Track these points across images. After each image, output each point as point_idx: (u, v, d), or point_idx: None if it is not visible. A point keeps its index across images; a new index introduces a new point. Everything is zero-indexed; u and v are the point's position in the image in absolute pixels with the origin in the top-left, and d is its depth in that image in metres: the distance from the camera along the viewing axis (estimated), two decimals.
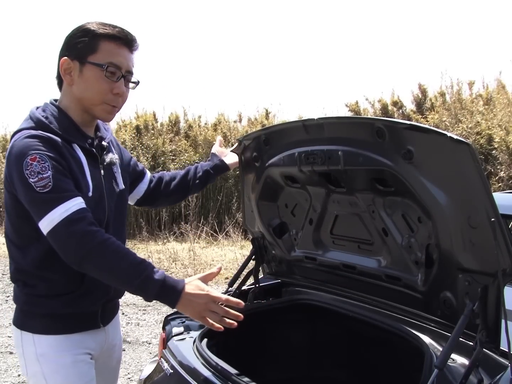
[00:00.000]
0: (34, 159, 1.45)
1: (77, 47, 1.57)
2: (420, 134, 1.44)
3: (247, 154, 2.10)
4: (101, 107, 1.60)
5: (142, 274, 1.43)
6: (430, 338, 1.61)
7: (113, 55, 1.57)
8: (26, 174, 1.44)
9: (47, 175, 1.45)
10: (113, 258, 1.44)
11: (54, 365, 1.60)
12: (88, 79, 1.57)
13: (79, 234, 1.43)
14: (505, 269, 1.33)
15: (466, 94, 9.44)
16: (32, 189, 1.44)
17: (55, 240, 1.46)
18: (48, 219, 1.44)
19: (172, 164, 10.30)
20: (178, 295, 1.46)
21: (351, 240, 1.93)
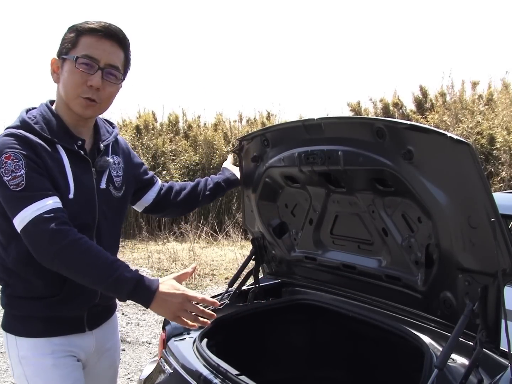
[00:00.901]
0: (8, 158, 1.46)
1: (62, 45, 1.59)
2: (420, 134, 1.44)
3: (247, 154, 2.10)
4: (76, 101, 1.58)
5: (115, 273, 1.42)
6: (430, 338, 1.61)
7: (90, 47, 1.55)
8: (0, 172, 1.45)
9: (20, 173, 1.45)
10: (85, 257, 1.43)
11: (35, 368, 1.60)
12: (64, 73, 1.57)
13: (50, 233, 1.42)
14: (505, 269, 1.33)
15: (469, 94, 9.44)
16: (6, 187, 1.45)
17: (26, 238, 1.46)
18: (20, 217, 1.44)
19: (172, 164, 10.30)
20: (152, 295, 1.44)
21: (351, 240, 1.93)
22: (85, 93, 1.56)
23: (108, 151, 1.72)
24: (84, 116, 1.63)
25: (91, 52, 1.55)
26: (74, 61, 1.54)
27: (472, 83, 9.46)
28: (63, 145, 1.58)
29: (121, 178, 1.74)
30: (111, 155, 1.73)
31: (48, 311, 1.60)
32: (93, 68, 1.55)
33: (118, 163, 1.75)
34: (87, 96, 1.57)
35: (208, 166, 10.41)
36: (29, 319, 1.60)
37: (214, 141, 10.48)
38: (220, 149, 10.44)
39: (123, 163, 1.77)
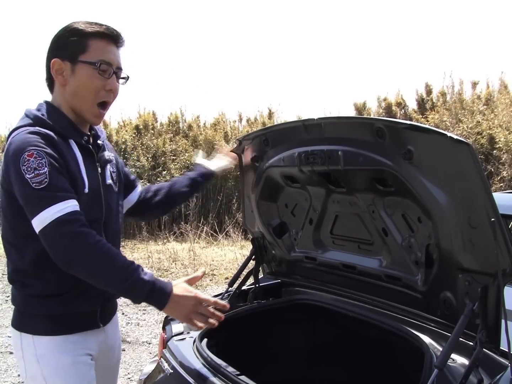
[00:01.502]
0: (31, 155, 1.45)
1: (67, 47, 1.58)
2: (420, 134, 1.44)
3: (247, 154, 2.10)
4: (92, 110, 1.61)
5: (132, 276, 1.44)
6: (430, 338, 1.61)
7: (103, 52, 1.58)
8: (22, 170, 1.44)
9: (43, 171, 1.45)
10: (102, 260, 1.44)
11: (53, 367, 1.59)
12: (81, 78, 1.58)
13: (69, 235, 1.43)
14: (505, 269, 1.33)
15: (468, 94, 9.45)
16: (27, 185, 1.44)
17: (45, 239, 1.46)
18: (41, 217, 1.44)
19: (173, 164, 10.30)
20: (167, 298, 1.47)
21: (351, 240, 1.93)
22: (104, 97, 1.61)
23: (105, 148, 1.75)
24: (94, 125, 1.69)
25: (106, 57, 1.58)
26: (96, 67, 1.56)
27: (472, 83, 9.46)
28: (75, 140, 1.59)
29: (116, 174, 1.77)
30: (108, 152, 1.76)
31: (66, 308, 1.60)
32: (109, 72, 1.60)
33: (113, 157, 1.78)
34: (106, 99, 1.62)
35: None
36: (47, 317, 1.60)
37: (214, 141, 10.49)
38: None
39: (114, 160, 1.80)
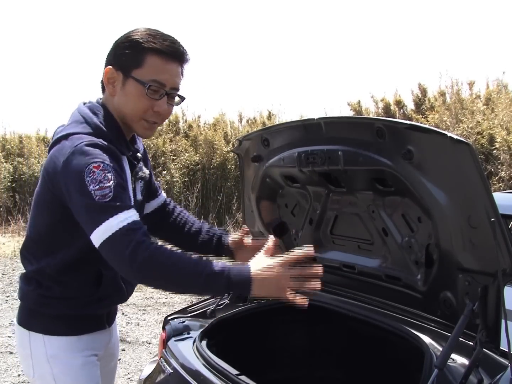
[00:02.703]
0: (97, 167, 1.40)
1: (123, 58, 1.50)
2: (420, 134, 1.44)
3: (247, 154, 2.10)
4: (140, 124, 1.54)
5: (204, 271, 1.36)
6: (430, 338, 1.61)
7: (158, 72, 1.49)
8: (86, 181, 1.38)
9: (108, 185, 1.39)
10: (170, 263, 1.37)
11: (64, 367, 1.58)
12: (129, 94, 1.51)
13: (134, 243, 1.37)
14: (505, 269, 1.33)
15: (466, 94, 9.44)
16: (90, 197, 1.38)
17: (109, 249, 1.39)
18: (104, 227, 1.37)
19: (173, 163, 10.30)
20: (248, 284, 1.36)
21: (351, 240, 1.93)
22: (150, 117, 1.53)
23: (142, 161, 1.69)
24: (144, 137, 1.63)
25: (159, 77, 1.49)
26: (145, 88, 1.48)
27: (468, 83, 9.45)
28: (127, 156, 1.55)
29: (143, 184, 1.72)
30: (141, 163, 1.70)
31: (80, 310, 1.59)
32: (159, 93, 1.51)
33: (148, 174, 1.72)
34: (153, 120, 1.55)
35: (209, 166, 10.42)
36: (61, 317, 1.59)
37: (215, 141, 10.49)
38: (220, 149, 10.45)
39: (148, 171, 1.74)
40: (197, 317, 2.07)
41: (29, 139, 12.84)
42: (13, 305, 5.30)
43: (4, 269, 7.24)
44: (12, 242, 9.21)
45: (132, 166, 1.59)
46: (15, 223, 10.72)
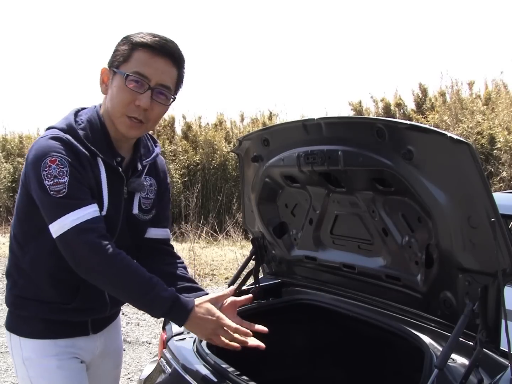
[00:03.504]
0: (53, 162, 1.40)
1: (114, 56, 1.51)
2: (420, 134, 1.44)
3: (247, 154, 2.10)
4: (121, 120, 1.51)
5: (152, 291, 1.41)
6: (430, 338, 1.61)
7: (142, 64, 1.47)
8: (43, 175, 1.40)
9: (63, 180, 1.40)
10: (122, 273, 1.41)
11: (39, 369, 1.58)
12: (113, 88, 1.50)
13: (90, 245, 1.39)
14: (505, 269, 1.33)
15: (466, 94, 9.44)
16: (45, 191, 1.40)
17: (64, 246, 1.42)
18: (58, 224, 1.40)
19: (172, 164, 10.30)
20: (186, 316, 1.44)
21: (351, 240, 1.93)
22: (132, 112, 1.49)
23: (143, 172, 1.64)
24: (128, 136, 1.57)
25: (142, 70, 1.46)
26: (124, 78, 1.46)
27: (468, 83, 9.45)
28: (103, 159, 1.51)
29: (151, 201, 1.67)
30: (146, 175, 1.65)
31: (55, 315, 1.57)
32: (143, 87, 1.47)
33: (150, 184, 1.67)
34: (134, 115, 1.50)
35: (209, 167, 10.42)
36: (34, 320, 1.57)
37: (215, 141, 10.49)
38: (220, 149, 10.45)
39: (156, 185, 1.69)
40: None
41: (29, 139, 12.86)
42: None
43: (4, 269, 7.25)
44: None
45: (113, 172, 1.53)
46: None
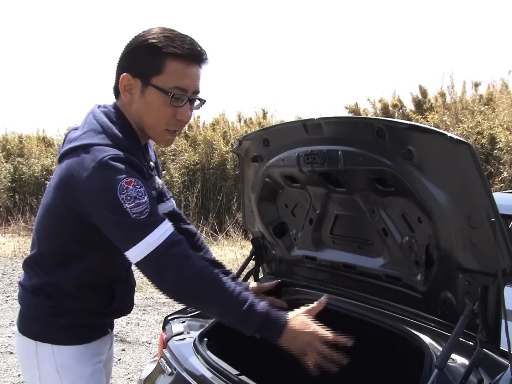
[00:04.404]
0: (129, 183, 1.33)
1: (140, 64, 1.42)
2: (420, 134, 1.44)
3: (247, 154, 2.10)
4: (161, 134, 1.48)
5: (244, 306, 1.35)
6: (430, 338, 1.61)
7: (180, 77, 1.41)
8: (121, 198, 1.31)
9: (143, 200, 1.34)
10: (213, 287, 1.35)
11: (74, 377, 1.55)
12: (150, 104, 1.43)
13: (181, 258, 1.33)
14: (505, 269, 1.33)
15: (469, 94, 9.44)
16: (127, 215, 1.32)
17: (151, 265, 1.34)
18: (144, 244, 1.32)
19: (172, 163, 10.30)
20: (281, 331, 1.38)
21: (351, 240, 1.93)
22: (173, 126, 1.46)
23: (155, 171, 1.64)
24: (165, 147, 1.54)
25: (182, 84, 1.42)
26: (169, 97, 1.40)
27: (473, 83, 9.44)
28: (145, 168, 1.50)
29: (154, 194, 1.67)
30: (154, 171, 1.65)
31: (91, 319, 1.57)
32: (182, 99, 1.43)
33: (161, 184, 1.68)
34: (175, 129, 1.48)
35: (208, 166, 10.42)
36: (71, 327, 1.55)
37: (214, 141, 10.49)
38: (219, 148, 10.45)
39: (157, 176, 1.70)
40: (197, 317, 2.07)
41: (29, 139, 12.86)
42: (13, 305, 5.29)
43: (4, 269, 7.24)
44: (12, 242, 9.21)
45: (145, 176, 1.51)
46: (15, 223, 10.73)
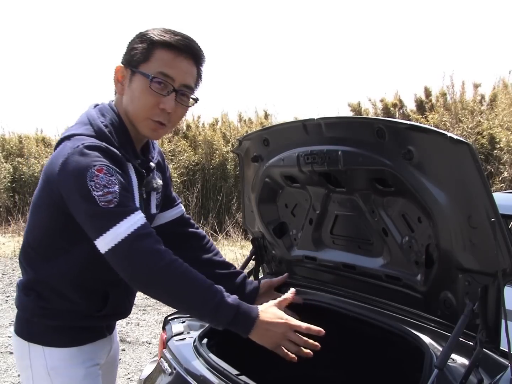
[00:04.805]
0: (100, 170, 1.32)
1: (132, 54, 1.45)
2: (420, 134, 1.44)
3: (247, 154, 2.10)
4: (145, 123, 1.46)
5: (214, 298, 1.33)
6: (430, 338, 1.61)
7: (166, 65, 1.41)
8: (90, 185, 1.31)
9: (113, 189, 1.32)
10: (182, 281, 1.33)
11: (65, 379, 1.53)
12: (134, 90, 1.44)
13: (147, 252, 1.31)
14: (505, 269, 1.33)
15: (470, 95, 9.43)
16: (94, 203, 1.31)
17: (118, 257, 1.33)
18: (111, 234, 1.31)
19: (171, 164, 10.31)
20: (252, 324, 1.36)
21: (351, 240, 1.93)
22: (157, 116, 1.44)
23: (156, 171, 1.62)
24: (151, 138, 1.54)
25: (168, 71, 1.41)
26: (149, 81, 1.40)
27: (474, 84, 9.43)
28: (133, 164, 1.47)
29: (160, 195, 1.65)
30: (156, 172, 1.63)
31: (83, 321, 1.55)
32: (167, 88, 1.42)
33: (160, 179, 1.65)
34: (159, 119, 1.45)
35: (208, 166, 10.42)
36: (62, 329, 1.53)
37: (214, 141, 10.49)
38: (219, 149, 10.45)
39: (162, 177, 1.67)
40: None
41: (28, 139, 12.86)
42: (13, 305, 5.29)
43: (4, 269, 7.24)
44: (12, 242, 9.21)
45: (139, 175, 1.50)
46: (15, 223, 10.73)
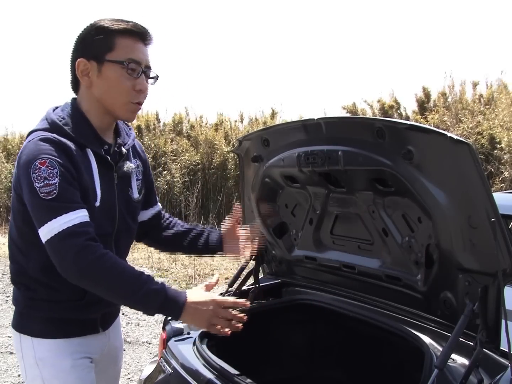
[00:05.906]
0: (43, 163, 1.39)
1: (93, 46, 1.50)
2: (420, 134, 1.44)
3: (247, 154, 2.10)
4: (126, 107, 1.53)
5: (143, 287, 1.39)
6: (430, 338, 1.61)
7: (131, 51, 1.50)
8: (32, 177, 1.39)
9: (53, 182, 1.39)
10: (111, 273, 1.39)
11: (53, 370, 1.57)
12: (109, 78, 1.50)
13: (77, 248, 1.37)
14: (505, 269, 1.33)
15: (469, 94, 9.42)
16: (35, 194, 1.39)
17: (52, 250, 1.41)
18: (47, 227, 1.39)
19: (173, 164, 10.31)
20: (182, 305, 1.42)
21: (351, 240, 1.93)
22: (135, 98, 1.53)
23: (129, 155, 1.67)
24: (129, 120, 1.63)
25: (135, 56, 1.50)
26: (125, 66, 1.49)
27: (472, 83, 9.43)
28: (92, 150, 1.52)
29: (140, 182, 1.70)
30: (132, 158, 1.68)
31: (68, 313, 1.58)
32: (137, 71, 1.51)
33: (137, 166, 1.70)
34: (138, 101, 1.54)
35: (209, 166, 10.42)
36: (50, 320, 1.57)
37: (215, 141, 10.49)
38: (220, 149, 10.45)
39: (142, 167, 1.72)
40: None
41: None
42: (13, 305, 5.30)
43: (4, 269, 7.23)
44: None
45: (103, 161, 1.55)
46: None
